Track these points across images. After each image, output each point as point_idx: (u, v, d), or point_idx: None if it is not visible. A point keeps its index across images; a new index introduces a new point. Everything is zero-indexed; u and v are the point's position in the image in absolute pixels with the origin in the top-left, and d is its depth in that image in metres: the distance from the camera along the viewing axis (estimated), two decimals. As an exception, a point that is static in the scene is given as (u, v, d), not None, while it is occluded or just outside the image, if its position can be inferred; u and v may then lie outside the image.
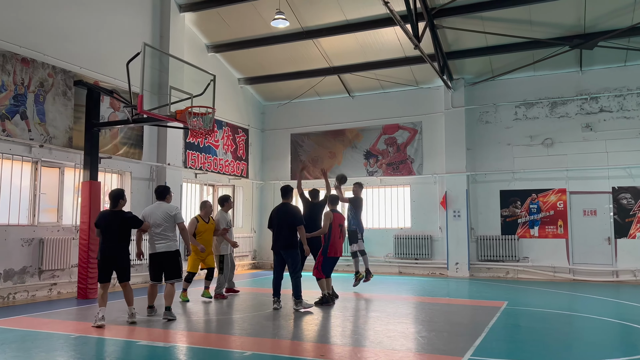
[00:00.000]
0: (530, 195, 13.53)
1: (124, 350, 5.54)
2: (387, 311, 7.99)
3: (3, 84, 9.00)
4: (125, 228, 7.03)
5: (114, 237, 6.94)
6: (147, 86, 8.78)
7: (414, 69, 14.23)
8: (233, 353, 5.41)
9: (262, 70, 15.24)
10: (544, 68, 13.44)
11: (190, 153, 13.51)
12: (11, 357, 5.18)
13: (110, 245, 6.93)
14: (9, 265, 8.99)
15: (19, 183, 9.37)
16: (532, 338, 6.20)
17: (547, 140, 13.44)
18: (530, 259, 13.42)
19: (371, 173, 15.30)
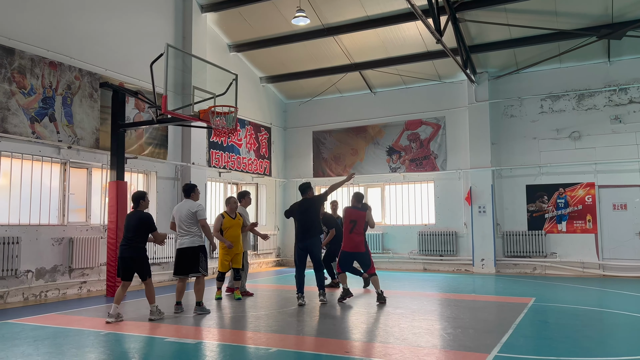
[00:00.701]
0: (558, 190, 13.27)
1: (151, 346, 5.63)
2: (412, 308, 7.94)
3: (32, 88, 9.23)
4: (141, 228, 7.12)
5: (130, 237, 7.08)
6: (171, 87, 8.89)
7: (436, 64, 14.09)
8: (259, 349, 5.45)
9: (284, 69, 15.29)
10: (570, 60, 13.15)
11: (214, 152, 13.65)
12: (44, 353, 5.32)
13: (125, 244, 7.10)
14: (41, 264, 9.23)
15: (49, 184, 9.61)
16: (561, 335, 6.08)
17: (575, 134, 13.15)
18: (558, 254, 13.17)
19: (394, 169, 15.22)
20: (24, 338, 5.98)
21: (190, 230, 7.50)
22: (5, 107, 8.77)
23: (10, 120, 8.83)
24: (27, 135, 9.09)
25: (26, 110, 9.10)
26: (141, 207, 7.29)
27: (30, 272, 9.06)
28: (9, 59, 8.87)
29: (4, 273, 8.54)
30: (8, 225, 8.83)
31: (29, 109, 9.15)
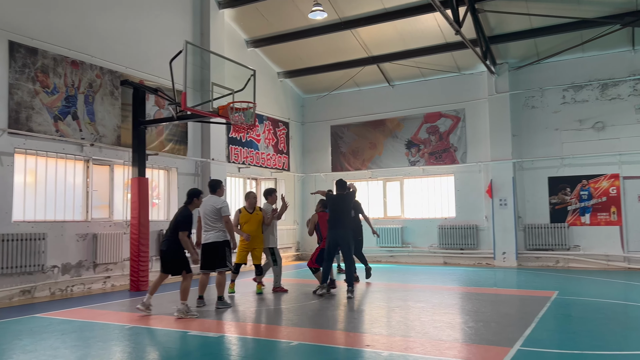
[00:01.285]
0: (581, 182, 13.04)
1: (175, 340, 5.72)
2: (433, 302, 7.91)
3: (55, 87, 9.40)
4: (177, 224, 7.17)
5: (169, 231, 7.21)
6: (190, 83, 8.98)
7: (455, 55, 13.94)
8: (280, 343, 5.50)
9: (301, 63, 15.29)
10: (593, 49, 12.89)
11: (233, 148, 13.74)
12: (71, 346, 5.45)
13: (164, 239, 7.27)
14: (66, 259, 9.44)
15: (73, 181, 9.79)
16: (585, 329, 6.01)
17: (598, 124, 12.90)
18: (582, 247, 12.97)
19: (413, 163, 15.13)
20: (51, 331, 6.14)
21: (215, 225, 7.64)
22: (30, 106, 8.96)
23: (34, 119, 9.01)
24: (51, 134, 9.27)
25: (50, 109, 9.28)
26: (192, 205, 7.31)
27: (56, 268, 9.27)
28: (32, 59, 9.04)
29: (31, 268, 8.75)
30: (34, 221, 9.03)
31: (52, 107, 9.32)
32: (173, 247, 7.12)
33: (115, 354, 5.13)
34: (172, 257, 7.14)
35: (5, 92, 8.63)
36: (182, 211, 7.22)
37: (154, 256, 11.05)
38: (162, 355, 5.10)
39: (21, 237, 8.60)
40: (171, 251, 7.13)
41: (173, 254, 7.13)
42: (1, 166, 8.54)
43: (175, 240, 7.10)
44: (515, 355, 4.79)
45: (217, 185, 7.93)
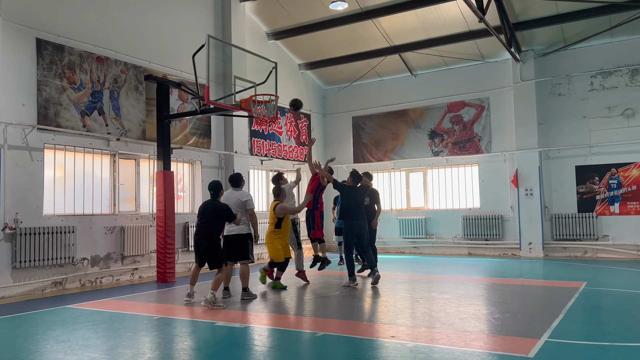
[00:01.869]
0: (610, 170, 12.74)
1: (202, 330, 5.81)
2: (458, 293, 7.86)
3: (81, 83, 9.57)
4: (217, 218, 7.25)
5: (205, 226, 7.24)
6: (213, 77, 9.03)
7: (479, 43, 13.71)
8: (305, 334, 5.54)
9: (322, 55, 15.24)
10: (622, 33, 12.52)
11: (255, 140, 13.81)
12: (102, 336, 5.59)
13: (199, 233, 7.29)
14: (95, 252, 9.66)
15: (100, 175, 9.99)
16: (614, 320, 5.90)
17: (628, 111, 12.57)
18: (611, 237, 12.69)
19: (436, 153, 14.99)
20: (82, 322, 6.30)
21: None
22: (58, 103, 9.15)
23: (62, 115, 9.21)
24: (79, 129, 9.46)
25: (77, 105, 9.46)
26: (219, 197, 7.50)
27: (86, 260, 9.49)
28: (59, 56, 9.22)
29: (62, 261, 8.99)
30: (64, 215, 9.25)
31: (79, 103, 9.51)
32: (211, 243, 7.22)
33: (145, 344, 5.25)
34: (210, 253, 7.23)
35: (34, 89, 8.83)
36: (218, 204, 7.33)
37: (180, 248, 11.24)
38: (190, 345, 5.19)
39: (52, 230, 8.83)
40: (210, 247, 7.21)
41: (212, 250, 7.22)
42: (31, 161, 8.76)
43: (215, 234, 7.24)
44: (543, 347, 4.73)
45: (240, 179, 8.04)
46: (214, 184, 7.51)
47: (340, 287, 8.53)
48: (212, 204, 7.36)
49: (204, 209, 7.37)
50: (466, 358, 4.46)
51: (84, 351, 4.96)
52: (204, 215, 7.29)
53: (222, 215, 7.24)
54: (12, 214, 8.39)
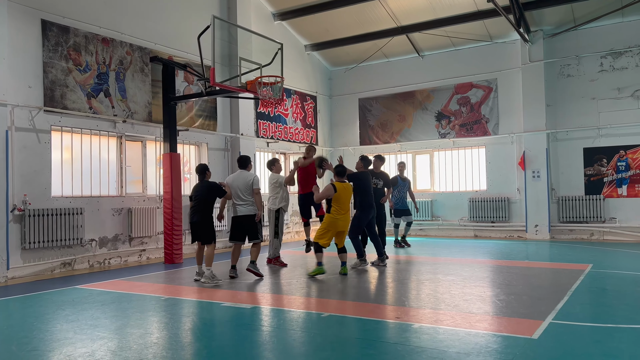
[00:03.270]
0: (618, 152, 12.64)
1: (209, 310, 5.88)
2: (463, 275, 7.89)
3: (87, 64, 9.56)
4: (210, 196, 7.75)
5: (198, 204, 7.72)
6: (218, 58, 8.97)
7: (487, 23, 13.52)
8: (311, 314, 5.59)
9: (328, 35, 15.09)
10: (634, 13, 12.29)
11: (261, 123, 13.78)
12: (110, 316, 5.67)
13: (193, 212, 7.76)
14: (103, 233, 9.75)
15: (107, 157, 10.03)
16: (620, 302, 5.91)
17: (638, 92, 12.41)
18: (618, 219, 12.64)
19: (443, 135, 14.91)
20: (92, 302, 6.39)
21: (248, 199, 7.85)
22: (64, 84, 9.15)
23: (68, 97, 9.21)
24: (85, 111, 9.47)
25: (83, 87, 9.46)
26: (207, 178, 7.96)
27: (94, 241, 9.59)
28: (64, 37, 9.19)
29: (70, 242, 9.08)
30: (72, 197, 9.32)
31: (85, 85, 9.50)
32: (204, 220, 7.68)
33: (153, 324, 5.32)
34: (205, 226, 7.67)
35: (40, 71, 8.83)
36: (210, 183, 7.88)
37: (187, 230, 11.31)
38: (198, 325, 5.26)
39: (60, 211, 8.91)
40: (203, 224, 7.67)
41: (204, 225, 7.68)
42: (39, 143, 8.80)
43: (207, 211, 7.71)
44: (548, 328, 4.75)
45: (247, 160, 8.21)
46: (200, 167, 8.00)
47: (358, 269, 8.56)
48: (201, 183, 7.86)
49: (195, 189, 7.87)
50: (470, 339, 4.50)
51: (92, 330, 5.04)
52: (196, 194, 7.78)
53: (213, 191, 7.76)
54: (21, 196, 8.47)
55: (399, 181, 11.65)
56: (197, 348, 4.47)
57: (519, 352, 4.11)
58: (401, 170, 11.95)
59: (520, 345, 4.28)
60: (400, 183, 11.68)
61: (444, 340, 4.51)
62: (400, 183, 11.66)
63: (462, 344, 4.34)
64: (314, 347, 4.46)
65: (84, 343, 4.62)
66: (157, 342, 4.67)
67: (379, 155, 10.21)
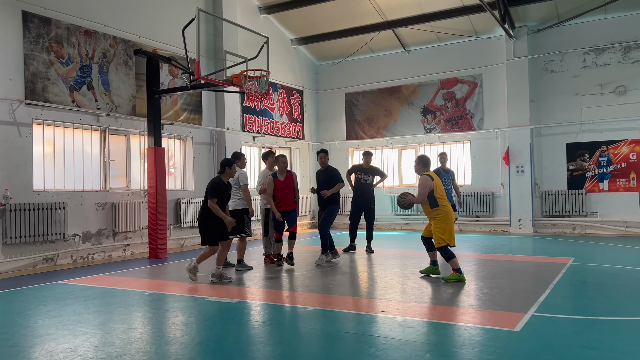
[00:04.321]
0: (600, 148, 12.82)
1: (194, 305, 5.86)
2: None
3: (69, 57, 9.41)
4: (206, 193, 7.15)
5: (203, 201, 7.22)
6: (203, 52, 8.92)
7: (472, 19, 13.59)
8: (297, 309, 5.60)
9: (315, 29, 15.05)
10: (616, 9, 12.45)
11: (247, 117, 13.72)
12: (94, 311, 5.62)
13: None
14: (87, 228, 9.64)
15: (90, 151, 9.91)
16: (601, 295, 6.01)
17: (620, 88, 12.58)
18: (599, 213, 12.85)
19: (429, 130, 14.98)
20: (74, 297, 6.33)
21: (236, 194, 7.87)
22: (46, 77, 9.00)
23: (50, 90, 9.07)
24: (67, 104, 9.34)
25: (65, 80, 9.32)
26: (224, 175, 7.21)
27: (77, 236, 9.48)
28: (46, 29, 9.04)
29: (53, 237, 8.97)
30: (55, 191, 9.20)
31: (67, 78, 9.36)
32: (200, 219, 7.18)
33: (137, 319, 5.29)
34: (200, 226, 7.19)
35: (21, 63, 8.68)
36: (212, 179, 7.26)
37: (172, 224, 11.25)
38: (182, 319, 5.23)
39: (42, 206, 8.79)
40: (200, 222, 7.19)
41: (200, 224, 7.18)
42: (20, 137, 8.66)
43: (203, 209, 7.15)
44: (530, 321, 4.82)
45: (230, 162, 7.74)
46: (222, 160, 7.36)
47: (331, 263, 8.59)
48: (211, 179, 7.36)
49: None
50: (454, 332, 4.54)
51: (75, 326, 4.99)
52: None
53: (207, 190, 7.12)
54: (2, 190, 8.33)
55: (442, 173, 10.09)
56: (182, 343, 4.45)
57: (502, 344, 4.16)
58: (443, 161, 10.34)
59: (502, 338, 4.33)
60: (443, 175, 10.08)
61: (427, 333, 4.55)
62: (443, 175, 10.07)
63: (445, 337, 4.38)
64: (299, 341, 4.47)
65: (66, 339, 4.58)
66: (140, 337, 4.65)
67: (367, 151, 10.27)
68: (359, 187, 9.99)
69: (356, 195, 10.00)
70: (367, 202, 9.94)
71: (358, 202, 9.95)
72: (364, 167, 10.01)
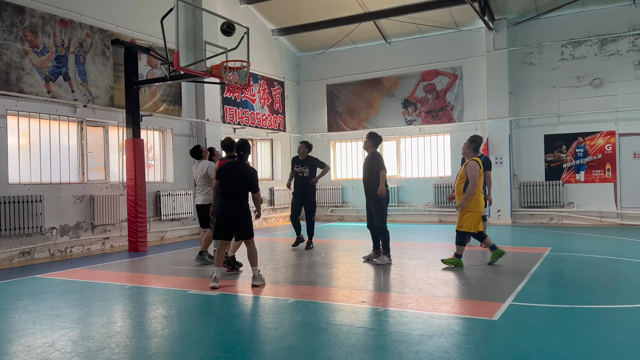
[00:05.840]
0: (577, 139, 13.05)
1: (174, 298, 5.82)
2: (428, 259, 8.04)
3: (44, 46, 9.20)
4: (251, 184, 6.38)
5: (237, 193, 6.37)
6: (182, 42, 8.79)
7: (453, 11, 13.65)
8: (278, 300, 5.61)
9: (296, 20, 14.96)
10: (593, 3, 12.63)
11: (228, 108, 13.61)
12: (72, 305, 5.55)
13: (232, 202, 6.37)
14: (64, 221, 9.49)
15: (67, 143, 9.74)
16: (576, 283, 6.14)
17: (596, 81, 12.79)
18: (576, 204, 13.10)
19: (410, 122, 15.05)
20: (52, 292, 6.23)
21: (204, 188, 7.85)
22: (20, 67, 8.79)
23: (25, 80, 8.87)
24: (43, 95, 9.14)
25: (40, 70, 9.12)
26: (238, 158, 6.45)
27: (55, 229, 9.33)
28: (20, 18, 8.81)
29: (29, 230, 8.81)
30: (31, 184, 9.03)
31: (42, 68, 9.16)
32: (245, 210, 6.30)
33: (116, 313, 5.24)
34: (246, 220, 6.31)
35: (-6, 53, 8.46)
36: (249, 169, 6.33)
37: (152, 217, 11.14)
38: (163, 313, 5.20)
39: (18, 199, 8.62)
40: (244, 214, 6.29)
41: (246, 217, 6.31)
42: (-6, 128, 8.46)
43: (245, 202, 6.30)
44: (507, 310, 4.90)
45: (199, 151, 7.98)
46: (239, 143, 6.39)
47: (311, 255, 8.60)
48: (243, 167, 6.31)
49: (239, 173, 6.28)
50: (433, 321, 4.60)
51: (53, 320, 4.92)
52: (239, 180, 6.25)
53: (253, 181, 6.31)
54: (-25, 183, 8.15)
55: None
56: (162, 336, 4.43)
57: (480, 333, 4.23)
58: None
59: (481, 327, 4.40)
60: None
61: (407, 323, 4.60)
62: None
63: (425, 327, 4.44)
64: (280, 332, 4.48)
65: (44, 333, 4.51)
66: (120, 330, 4.61)
67: (304, 140, 9.89)
68: (296, 181, 9.48)
69: (294, 188, 9.56)
70: (306, 195, 9.38)
71: (295, 195, 9.59)
72: (300, 158, 9.51)
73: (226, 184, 6.26)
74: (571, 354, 3.72)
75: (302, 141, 9.81)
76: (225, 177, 6.27)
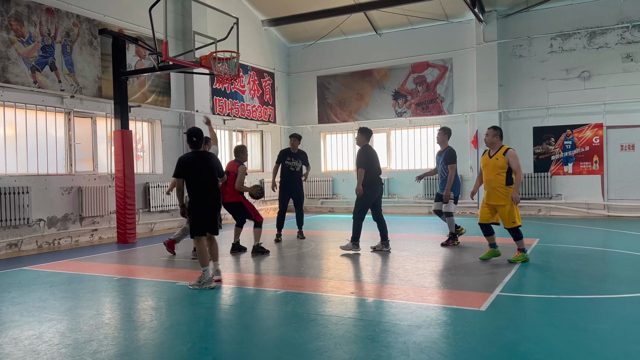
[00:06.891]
0: (565, 131, 13.14)
1: (164, 290, 5.80)
2: (417, 250, 8.09)
3: (30, 36, 9.07)
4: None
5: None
6: (171, 32, 8.72)
7: (443, 3, 13.63)
8: (267, 292, 5.61)
9: (286, 11, 14.86)
10: (582, -5, 12.68)
11: (217, 99, 13.52)
12: (60, 297, 5.51)
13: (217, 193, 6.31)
14: (52, 212, 9.41)
15: (54, 134, 9.63)
16: (563, 274, 6.20)
17: (585, 73, 12.87)
18: (564, 196, 13.22)
19: (400, 114, 15.07)
20: (40, 284, 6.19)
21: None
22: (5, 57, 8.66)
23: (11, 70, 8.74)
24: (29, 85, 9.02)
25: (26, 60, 8.99)
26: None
27: (42, 221, 9.25)
28: (5, 6, 8.67)
29: (16, 222, 8.73)
30: (17, 175, 8.93)
31: (28, 57, 9.03)
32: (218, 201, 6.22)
33: (105, 305, 5.21)
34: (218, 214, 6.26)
35: (-22, 42, 8.32)
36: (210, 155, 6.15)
37: (141, 209, 11.08)
38: (151, 304, 5.18)
39: (4, 190, 8.53)
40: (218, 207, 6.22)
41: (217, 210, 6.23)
42: (-21, 119, 8.34)
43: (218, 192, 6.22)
44: (495, 301, 4.95)
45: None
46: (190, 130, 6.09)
47: (300, 246, 8.61)
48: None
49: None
50: (422, 312, 4.63)
51: (40, 312, 4.89)
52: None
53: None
54: (-39, 174, 8.04)
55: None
56: (151, 327, 4.42)
57: (468, 323, 4.26)
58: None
59: (468, 317, 4.44)
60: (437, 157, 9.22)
61: (396, 313, 4.62)
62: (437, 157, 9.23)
63: (413, 317, 4.47)
64: (270, 323, 4.49)
65: (32, 325, 4.48)
66: (108, 322, 4.59)
67: (295, 133, 9.70)
68: (287, 175, 9.32)
69: (284, 183, 9.33)
70: (298, 190, 9.38)
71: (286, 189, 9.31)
72: (292, 151, 9.42)
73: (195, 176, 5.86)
74: (558, 343, 3.77)
75: (295, 134, 9.70)
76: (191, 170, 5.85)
